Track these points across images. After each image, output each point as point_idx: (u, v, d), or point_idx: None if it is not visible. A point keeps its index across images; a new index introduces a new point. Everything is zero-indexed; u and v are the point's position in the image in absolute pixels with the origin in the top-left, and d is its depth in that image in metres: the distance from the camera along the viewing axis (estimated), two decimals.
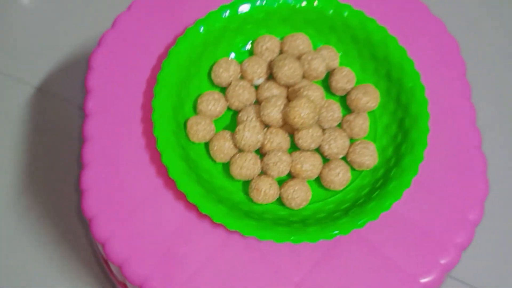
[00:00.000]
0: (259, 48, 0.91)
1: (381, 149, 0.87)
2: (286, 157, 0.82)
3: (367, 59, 0.91)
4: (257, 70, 0.88)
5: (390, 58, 0.88)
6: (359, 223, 0.78)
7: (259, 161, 0.83)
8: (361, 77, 0.92)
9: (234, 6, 0.89)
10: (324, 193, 0.85)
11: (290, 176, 0.85)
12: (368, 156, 0.83)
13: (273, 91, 0.86)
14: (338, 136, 0.84)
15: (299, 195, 0.81)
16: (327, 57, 0.90)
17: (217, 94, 0.87)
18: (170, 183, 0.82)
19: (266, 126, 0.85)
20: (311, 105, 0.80)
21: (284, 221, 0.81)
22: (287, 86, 0.87)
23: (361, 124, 0.86)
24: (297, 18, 0.92)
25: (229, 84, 0.88)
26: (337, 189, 0.84)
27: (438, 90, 0.89)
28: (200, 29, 0.89)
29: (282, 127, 0.85)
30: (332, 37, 0.92)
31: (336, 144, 0.84)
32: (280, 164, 0.81)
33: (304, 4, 0.90)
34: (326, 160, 0.86)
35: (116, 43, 0.92)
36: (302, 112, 0.79)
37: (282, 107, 0.82)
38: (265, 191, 0.80)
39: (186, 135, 0.85)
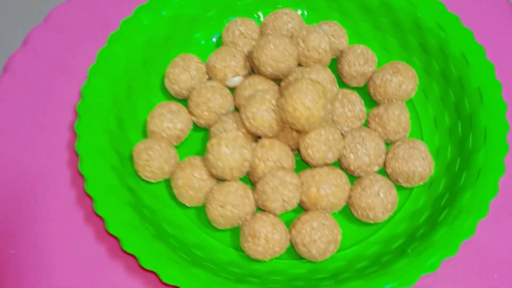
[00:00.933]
0: (229, 35, 0.62)
1: (434, 151, 0.57)
2: (292, 179, 0.51)
3: (388, 30, 0.62)
4: (229, 64, 0.59)
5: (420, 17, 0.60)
6: (428, 264, 0.46)
7: (250, 192, 0.53)
8: (382, 56, 0.63)
9: None
10: (361, 230, 0.54)
11: (303, 209, 0.54)
12: (420, 160, 0.53)
13: (258, 87, 0.57)
14: (367, 138, 0.54)
15: (322, 236, 0.50)
16: (331, 34, 0.61)
17: (174, 105, 0.57)
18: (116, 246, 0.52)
19: (255, 137, 0.56)
20: (318, 88, 0.51)
21: (305, 282, 0.50)
22: (278, 79, 0.58)
23: (397, 115, 0.56)
24: None
25: (192, 89, 0.59)
26: (380, 219, 0.52)
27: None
28: (142, 21, 0.61)
29: (278, 135, 0.55)
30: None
31: (366, 150, 0.54)
32: (283, 189, 0.51)
33: None
34: (354, 178, 0.55)
35: (29, 64, 0.64)
36: (305, 99, 0.50)
37: (273, 102, 0.53)
38: (267, 237, 0.50)
39: (135, 171, 0.55)
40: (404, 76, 0.58)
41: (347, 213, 0.54)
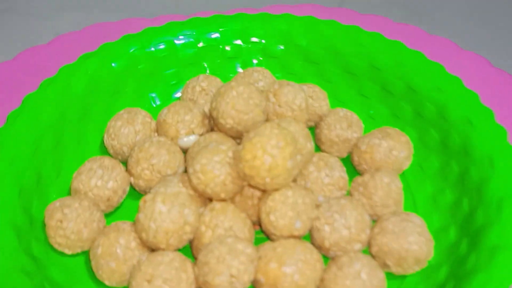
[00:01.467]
0: (188, 91, 0.53)
1: (433, 233, 0.44)
2: (245, 248, 0.39)
3: (377, 96, 0.53)
4: (183, 118, 0.49)
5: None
6: None
7: (190, 265, 0.40)
8: (370, 125, 0.53)
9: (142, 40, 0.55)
10: None
11: None
12: (415, 236, 0.41)
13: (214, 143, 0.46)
14: (347, 206, 0.42)
15: None
16: (309, 96, 0.52)
17: (108, 160, 0.46)
18: None
19: (206, 200, 0.44)
20: (286, 133, 0.40)
21: None
22: (240, 137, 0.47)
23: (387, 183, 0.44)
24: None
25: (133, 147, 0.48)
26: None
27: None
28: (85, 69, 0.52)
29: (235, 200, 0.43)
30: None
31: (346, 221, 0.41)
32: (232, 260, 0.38)
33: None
34: (327, 259, 0.42)
35: None
36: (267, 145, 0.39)
37: (229, 154, 0.41)
38: None
39: (46, 237, 0.43)
40: (395, 140, 0.47)
41: None
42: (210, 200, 0.43)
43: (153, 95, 0.55)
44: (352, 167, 0.49)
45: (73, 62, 0.52)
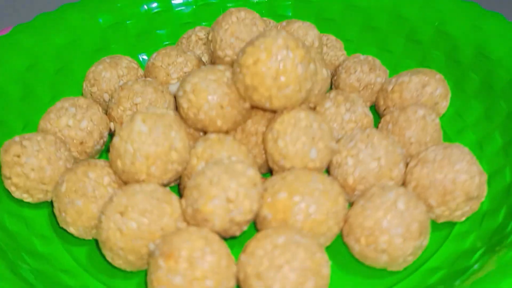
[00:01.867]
0: (183, 42, 0.46)
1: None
2: (245, 169, 0.30)
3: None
4: (176, 60, 0.41)
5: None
6: None
7: (175, 198, 0.31)
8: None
9: None
10: (369, 283, 0.31)
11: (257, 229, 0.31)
12: (463, 163, 0.32)
13: None
14: (375, 135, 0.34)
15: (293, 259, 0.27)
16: (324, 44, 0.45)
17: (83, 100, 0.38)
18: None
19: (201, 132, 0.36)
20: (295, 38, 0.33)
21: None
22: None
23: (422, 116, 0.36)
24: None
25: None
26: (400, 254, 0.30)
27: None
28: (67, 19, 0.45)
29: (236, 134, 0.35)
30: None
31: (374, 151, 0.33)
32: (229, 181, 0.29)
33: None
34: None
35: None
36: (273, 46, 0.31)
37: (227, 75, 0.34)
38: (191, 258, 0.27)
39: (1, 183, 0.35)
40: (428, 75, 0.39)
41: (344, 254, 0.31)
42: (205, 133, 0.35)
43: (144, 56, 0.48)
44: (377, 119, 0.41)
45: (52, 11, 0.45)
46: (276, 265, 0.27)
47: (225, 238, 0.30)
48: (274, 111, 0.34)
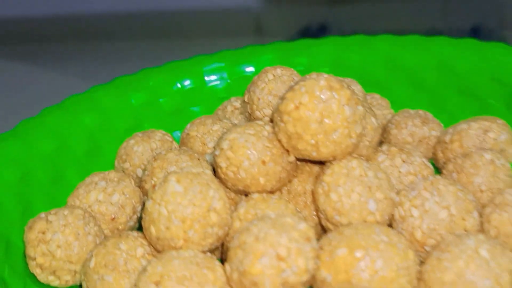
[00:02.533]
0: (219, 113, 0.44)
1: None
2: (297, 223, 0.26)
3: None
4: (211, 129, 0.39)
5: None
6: None
7: (218, 265, 0.27)
8: None
9: None
10: None
11: None
12: None
13: None
14: (440, 182, 0.29)
15: None
16: (371, 103, 0.42)
17: (114, 174, 0.35)
18: None
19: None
20: (341, 80, 0.30)
21: None
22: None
23: (489, 160, 0.32)
24: None
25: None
26: None
27: None
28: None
29: (282, 193, 0.32)
30: None
31: (442, 200, 0.29)
32: (279, 237, 0.25)
33: None
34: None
35: None
36: (315, 88, 0.29)
37: (267, 129, 0.31)
38: None
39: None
40: (490, 120, 0.35)
41: None
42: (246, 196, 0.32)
43: (178, 133, 0.46)
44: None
45: (82, 93, 0.44)
46: None
47: None
48: (322, 163, 0.31)
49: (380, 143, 0.39)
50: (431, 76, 0.43)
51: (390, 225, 0.30)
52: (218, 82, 0.48)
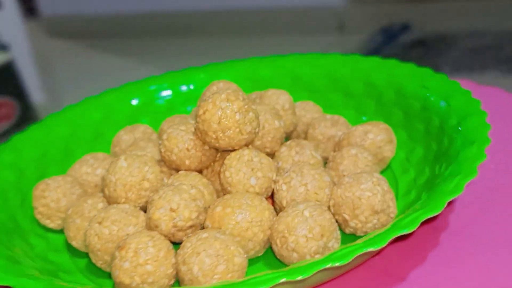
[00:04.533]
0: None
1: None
2: (189, 188, 0.40)
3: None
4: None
5: None
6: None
7: (142, 214, 0.41)
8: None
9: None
10: None
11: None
12: (369, 184, 0.40)
13: None
14: (306, 167, 0.42)
15: (210, 248, 0.36)
16: (303, 108, 0.54)
17: (102, 155, 0.50)
18: None
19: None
20: (235, 89, 0.43)
21: None
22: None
23: (354, 154, 0.44)
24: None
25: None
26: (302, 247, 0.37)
27: None
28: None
29: (204, 172, 0.45)
30: None
31: (302, 179, 0.41)
32: (173, 195, 0.39)
33: None
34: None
35: None
36: (217, 99, 0.42)
37: (195, 126, 0.45)
38: (137, 249, 0.37)
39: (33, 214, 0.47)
40: (372, 125, 0.47)
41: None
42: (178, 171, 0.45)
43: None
44: None
45: (96, 95, 0.59)
46: (196, 252, 0.35)
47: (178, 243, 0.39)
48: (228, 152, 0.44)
49: (305, 139, 0.52)
50: (357, 86, 0.56)
51: (272, 196, 0.43)
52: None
